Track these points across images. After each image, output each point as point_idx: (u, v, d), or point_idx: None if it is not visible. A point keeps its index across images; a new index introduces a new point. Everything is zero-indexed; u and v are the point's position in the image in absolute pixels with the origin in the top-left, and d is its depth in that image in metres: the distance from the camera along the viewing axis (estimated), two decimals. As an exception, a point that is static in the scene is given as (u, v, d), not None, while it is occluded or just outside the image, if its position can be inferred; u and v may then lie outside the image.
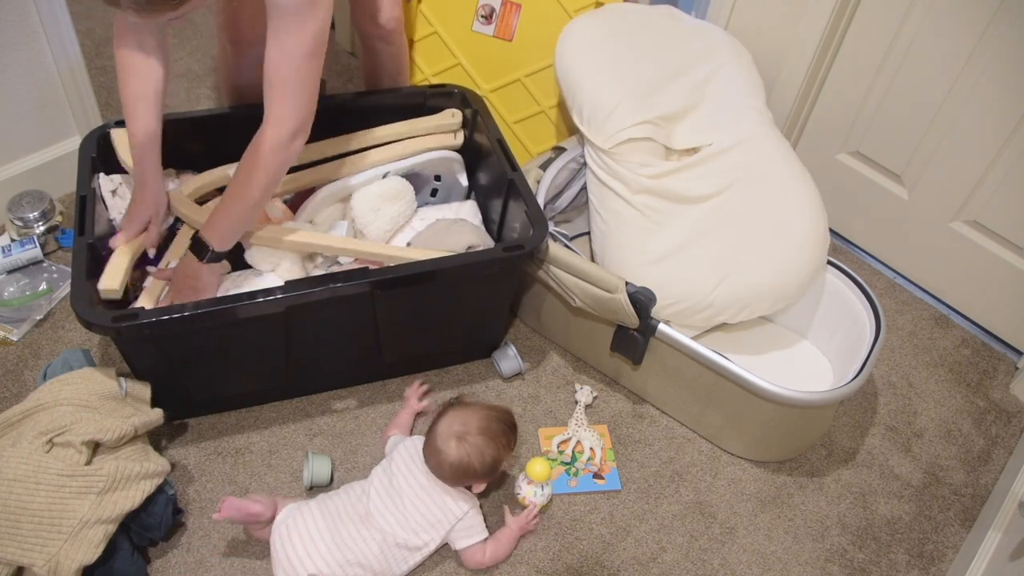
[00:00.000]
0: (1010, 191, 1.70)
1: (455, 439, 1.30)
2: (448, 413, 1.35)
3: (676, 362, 1.53)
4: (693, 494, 1.54)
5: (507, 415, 1.37)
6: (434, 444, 1.32)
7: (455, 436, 1.31)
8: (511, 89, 1.95)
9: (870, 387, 1.77)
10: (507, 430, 1.35)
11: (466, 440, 1.30)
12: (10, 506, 1.19)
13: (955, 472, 1.64)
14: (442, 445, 1.31)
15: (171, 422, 1.52)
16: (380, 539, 1.30)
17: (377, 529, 1.30)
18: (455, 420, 1.33)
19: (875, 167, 1.93)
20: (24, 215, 1.77)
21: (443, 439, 1.31)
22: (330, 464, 1.47)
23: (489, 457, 1.31)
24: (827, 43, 1.79)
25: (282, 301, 1.33)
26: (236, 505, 1.28)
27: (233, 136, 1.69)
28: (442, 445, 1.31)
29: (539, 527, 1.46)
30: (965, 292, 1.90)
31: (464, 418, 1.33)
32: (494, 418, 1.34)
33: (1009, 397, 1.79)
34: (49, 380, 1.35)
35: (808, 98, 1.91)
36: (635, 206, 1.57)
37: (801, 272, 1.54)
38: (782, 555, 1.47)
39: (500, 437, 1.33)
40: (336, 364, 1.57)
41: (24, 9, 1.66)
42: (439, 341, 1.62)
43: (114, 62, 1.40)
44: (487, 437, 1.31)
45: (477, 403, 1.38)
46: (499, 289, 1.59)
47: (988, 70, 1.63)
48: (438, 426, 1.34)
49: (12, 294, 1.69)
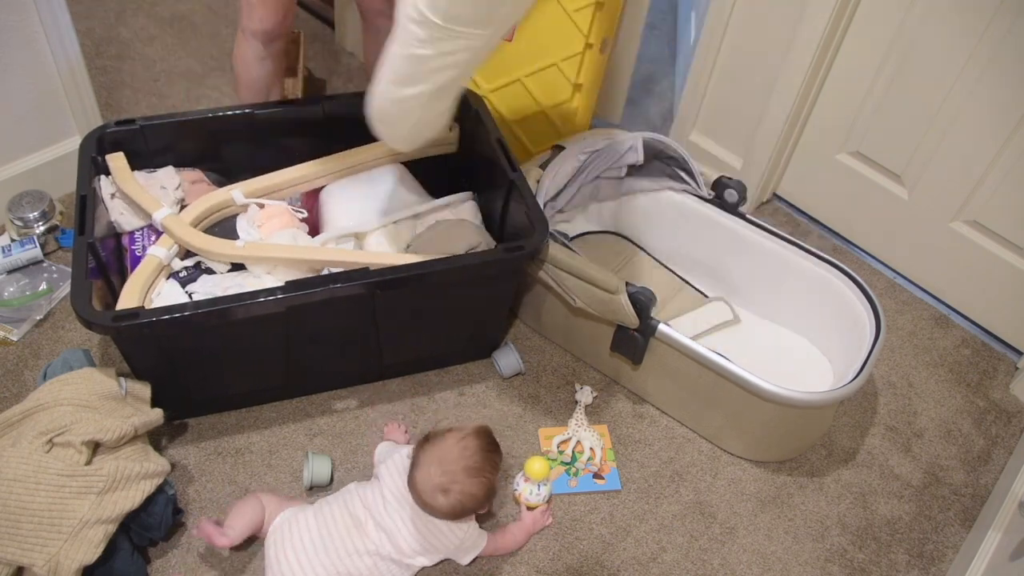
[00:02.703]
0: (1010, 191, 1.70)
1: (440, 493, 1.24)
2: (422, 459, 1.27)
3: (676, 362, 1.53)
4: (693, 494, 1.54)
5: (484, 438, 1.30)
6: (420, 498, 1.25)
7: (439, 489, 1.24)
8: (511, 89, 1.95)
9: (870, 387, 1.77)
10: (489, 456, 1.29)
11: (452, 491, 1.24)
12: (10, 506, 1.19)
13: (955, 472, 1.64)
14: (429, 500, 1.24)
15: (171, 422, 1.52)
16: (373, 551, 1.29)
17: (371, 542, 1.29)
18: (432, 469, 1.25)
19: (875, 167, 1.93)
20: (24, 215, 1.77)
21: (429, 493, 1.24)
22: (330, 464, 1.47)
23: (481, 494, 1.26)
24: (827, 43, 1.79)
25: (283, 301, 1.33)
26: (206, 532, 1.27)
27: (236, 138, 1.70)
28: (429, 500, 1.24)
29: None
30: (965, 292, 1.90)
31: (441, 464, 1.25)
32: (472, 449, 1.27)
33: (1009, 397, 1.79)
34: (49, 380, 1.35)
35: (808, 98, 1.91)
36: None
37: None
38: (782, 555, 1.47)
39: (485, 468, 1.27)
40: (336, 364, 1.57)
41: (24, 9, 1.66)
42: (439, 341, 1.62)
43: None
44: (473, 476, 1.25)
45: (449, 434, 1.29)
46: (499, 290, 1.59)
47: (988, 70, 1.63)
48: (417, 479, 1.26)
49: (12, 294, 1.69)
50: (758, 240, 1.72)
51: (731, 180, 1.72)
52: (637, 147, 1.75)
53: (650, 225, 1.90)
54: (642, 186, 1.83)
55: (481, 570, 1.39)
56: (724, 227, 1.76)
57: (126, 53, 2.31)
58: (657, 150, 1.77)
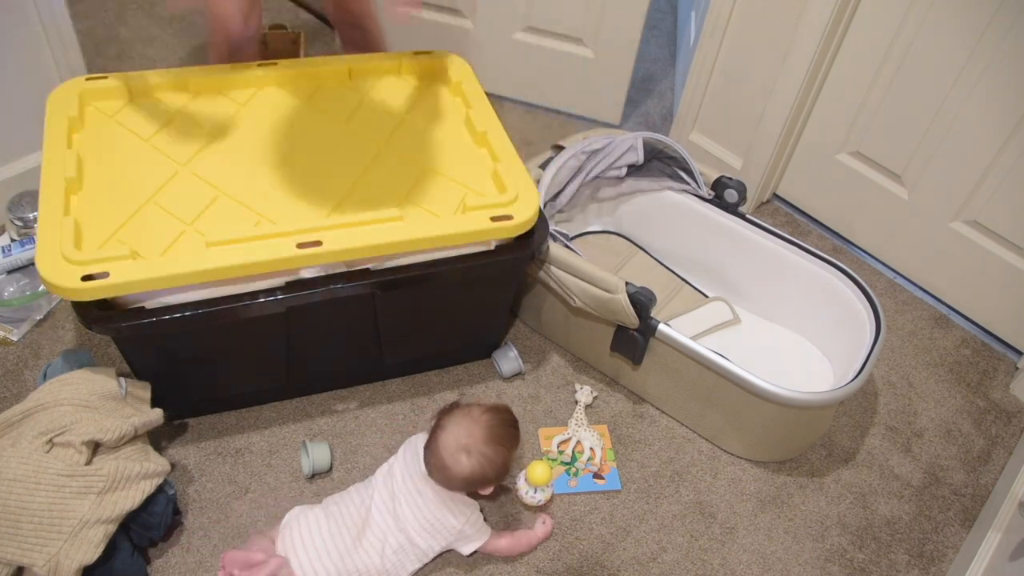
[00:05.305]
0: (1010, 191, 1.70)
1: (464, 453, 1.27)
2: (448, 423, 1.31)
3: (676, 362, 1.53)
4: (693, 494, 1.54)
5: (507, 414, 1.35)
6: (440, 459, 1.28)
7: (463, 450, 1.27)
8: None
9: (870, 387, 1.77)
10: (511, 431, 1.33)
11: (474, 452, 1.27)
12: (10, 506, 1.19)
13: (955, 472, 1.64)
14: (450, 461, 1.27)
15: (171, 422, 1.52)
16: (380, 547, 1.30)
17: (377, 536, 1.30)
18: (458, 431, 1.29)
19: (875, 167, 1.93)
20: (24, 215, 1.77)
21: (450, 454, 1.27)
22: (328, 450, 1.47)
23: (500, 462, 1.29)
24: (827, 43, 1.79)
25: (283, 302, 1.33)
26: (238, 560, 1.26)
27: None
28: (450, 461, 1.27)
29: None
30: (965, 292, 1.90)
31: (468, 427, 1.29)
32: (497, 422, 1.31)
33: (1009, 397, 1.79)
34: (49, 380, 1.35)
35: (808, 98, 1.91)
36: None
37: None
38: (782, 555, 1.47)
39: (507, 440, 1.31)
40: (336, 364, 1.57)
41: (24, 9, 1.66)
42: (439, 342, 1.63)
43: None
44: (495, 444, 1.29)
45: (474, 406, 1.34)
46: (500, 290, 1.59)
47: (988, 70, 1.63)
48: (440, 439, 1.29)
49: (12, 294, 1.69)
50: (758, 240, 1.72)
51: (731, 180, 1.72)
52: (637, 147, 1.75)
53: (650, 225, 1.90)
54: (642, 186, 1.83)
55: (481, 570, 1.39)
56: (724, 227, 1.76)
57: (126, 53, 2.31)
58: (657, 150, 1.77)
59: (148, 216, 1.32)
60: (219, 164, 1.43)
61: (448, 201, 1.43)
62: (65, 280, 1.18)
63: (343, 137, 1.52)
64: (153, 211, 1.33)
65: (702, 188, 1.77)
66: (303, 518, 1.32)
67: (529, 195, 1.43)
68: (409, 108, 1.61)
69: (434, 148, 1.53)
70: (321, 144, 1.50)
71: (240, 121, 1.52)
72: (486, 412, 1.33)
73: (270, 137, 1.49)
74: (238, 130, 1.50)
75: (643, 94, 2.44)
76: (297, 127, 1.53)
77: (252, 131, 1.50)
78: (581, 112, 2.33)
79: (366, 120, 1.56)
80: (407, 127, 1.57)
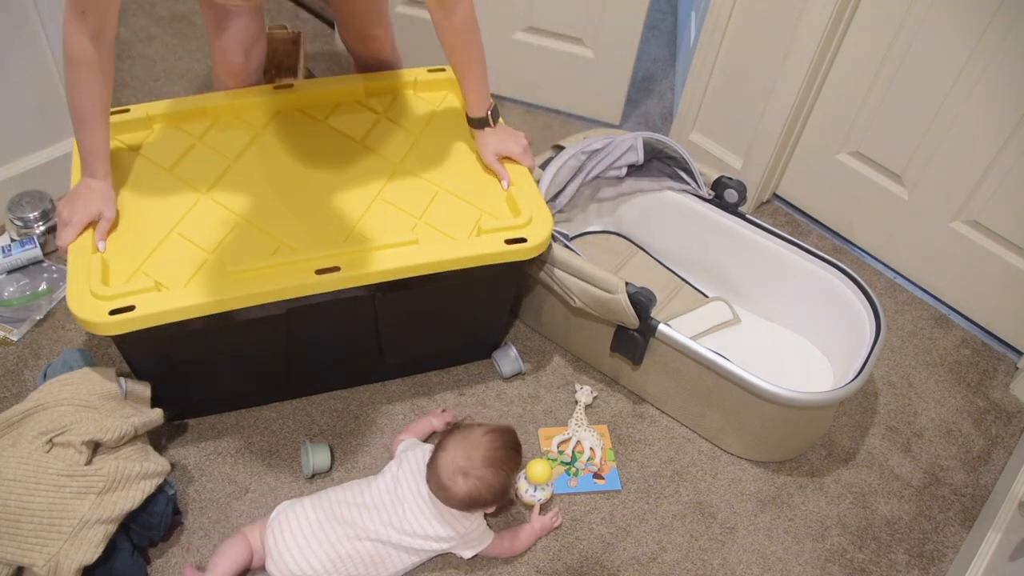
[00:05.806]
0: (1010, 191, 1.70)
1: (461, 475, 1.27)
2: (449, 444, 1.31)
3: (676, 362, 1.53)
4: (693, 494, 1.54)
5: (510, 437, 1.34)
6: (439, 479, 1.29)
7: (460, 472, 1.27)
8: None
9: (870, 387, 1.77)
10: (512, 454, 1.32)
11: (472, 475, 1.27)
12: (10, 506, 1.19)
13: (955, 472, 1.64)
14: (448, 482, 1.28)
15: (171, 422, 1.52)
16: (374, 539, 1.30)
17: (372, 530, 1.30)
18: (458, 453, 1.29)
19: (875, 167, 1.93)
20: (24, 215, 1.77)
21: (448, 475, 1.28)
22: (328, 450, 1.48)
23: (498, 486, 1.29)
24: (827, 43, 1.79)
25: (283, 303, 1.33)
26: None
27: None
28: (448, 482, 1.28)
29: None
30: (965, 292, 1.90)
31: (467, 449, 1.29)
32: (498, 445, 1.31)
33: (1009, 397, 1.79)
34: (49, 380, 1.35)
35: (808, 98, 1.91)
36: None
37: None
38: (782, 555, 1.47)
39: (506, 464, 1.30)
40: (336, 365, 1.57)
41: (24, 9, 1.66)
42: (440, 342, 1.62)
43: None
44: (494, 468, 1.28)
45: (477, 427, 1.34)
46: (500, 290, 1.59)
47: (988, 70, 1.63)
48: (440, 460, 1.30)
49: (12, 294, 1.69)
50: (758, 240, 1.72)
51: (731, 180, 1.72)
52: (637, 147, 1.75)
53: (650, 225, 1.90)
54: (642, 186, 1.83)
55: (482, 570, 1.39)
56: (724, 227, 1.76)
57: (126, 53, 2.31)
58: (657, 150, 1.77)
59: (171, 246, 1.35)
60: (238, 190, 1.45)
61: (463, 223, 1.45)
62: (94, 316, 1.22)
63: (359, 158, 1.54)
64: (176, 241, 1.36)
65: (702, 188, 1.77)
66: (291, 510, 1.33)
67: (543, 217, 1.45)
68: (424, 127, 1.62)
69: (448, 168, 1.55)
70: (338, 165, 1.52)
71: (258, 145, 1.54)
72: (487, 434, 1.32)
73: (287, 160, 1.51)
74: (256, 154, 1.52)
75: (643, 94, 2.44)
76: (314, 149, 1.54)
77: (270, 155, 1.52)
78: (581, 112, 2.33)
79: (381, 139, 1.58)
80: (422, 146, 1.58)
